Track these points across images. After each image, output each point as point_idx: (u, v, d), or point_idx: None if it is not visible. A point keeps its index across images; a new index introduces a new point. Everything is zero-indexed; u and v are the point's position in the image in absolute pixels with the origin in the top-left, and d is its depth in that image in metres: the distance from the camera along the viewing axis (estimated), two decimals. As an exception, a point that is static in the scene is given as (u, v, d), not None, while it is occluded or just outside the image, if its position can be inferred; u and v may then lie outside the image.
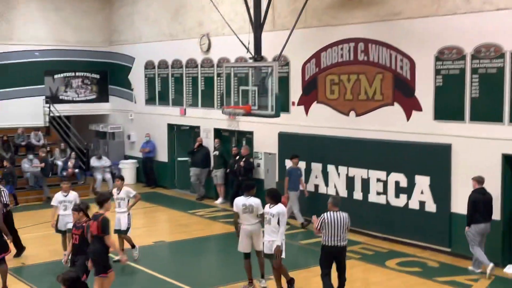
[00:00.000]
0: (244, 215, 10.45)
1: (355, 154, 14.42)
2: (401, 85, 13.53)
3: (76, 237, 9.52)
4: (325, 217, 9.79)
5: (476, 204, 11.34)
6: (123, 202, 12.39)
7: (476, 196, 11.41)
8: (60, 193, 12.50)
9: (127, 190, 12.48)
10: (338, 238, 9.71)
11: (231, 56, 17.72)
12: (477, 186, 11.49)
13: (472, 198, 11.40)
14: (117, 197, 12.39)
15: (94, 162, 20.34)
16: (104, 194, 9.90)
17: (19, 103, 21.35)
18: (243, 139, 17.95)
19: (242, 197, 10.63)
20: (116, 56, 22.85)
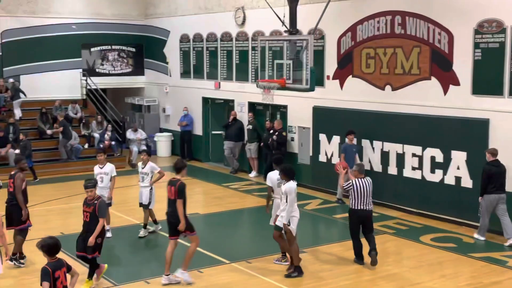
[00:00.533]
0: (278, 189, 10.51)
1: (390, 128, 14.30)
2: (439, 59, 13.31)
3: (87, 215, 9.41)
4: (354, 183, 10.43)
5: (491, 176, 11.64)
6: (147, 177, 12.38)
7: (490, 168, 11.70)
8: (96, 166, 12.51)
9: (151, 165, 12.43)
10: (365, 202, 10.43)
11: (266, 30, 17.63)
12: (492, 159, 11.74)
13: (486, 170, 11.71)
14: (142, 172, 12.42)
15: (130, 135, 20.59)
16: (182, 161, 10.16)
17: (56, 75, 21.69)
18: (277, 113, 17.93)
19: (275, 172, 10.67)
20: (151, 29, 22.95)
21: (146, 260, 11.14)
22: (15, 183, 10.55)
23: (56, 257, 6.72)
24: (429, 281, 9.97)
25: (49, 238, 6.73)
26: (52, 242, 6.68)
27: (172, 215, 9.75)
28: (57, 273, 6.62)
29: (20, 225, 10.60)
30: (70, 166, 19.19)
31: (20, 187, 10.54)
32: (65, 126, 19.62)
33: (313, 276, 10.17)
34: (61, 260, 6.78)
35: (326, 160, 15.89)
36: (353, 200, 10.41)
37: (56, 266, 6.65)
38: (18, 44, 21.05)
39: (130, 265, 10.89)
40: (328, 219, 13.90)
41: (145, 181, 12.39)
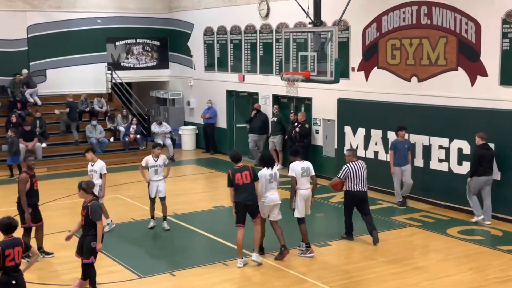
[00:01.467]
0: (302, 179, 10.57)
1: (416, 120, 14.14)
2: (466, 49, 13.12)
3: (83, 218, 9.09)
4: (349, 167, 11.22)
5: (481, 158, 12.20)
6: (161, 169, 12.28)
7: (481, 151, 12.26)
8: (150, 157, 12.40)
9: (164, 158, 12.39)
10: (361, 184, 11.32)
11: (290, 21, 17.55)
12: (481, 142, 12.28)
13: (477, 153, 12.29)
14: (156, 164, 12.23)
15: (155, 128, 20.68)
16: (238, 153, 10.59)
17: (82, 70, 21.87)
18: (302, 106, 17.86)
19: (297, 162, 10.70)
20: (175, 22, 22.99)
21: (171, 253, 11.19)
22: (18, 186, 10.47)
23: (12, 235, 7.25)
24: (456, 274, 9.86)
25: (5, 218, 7.30)
26: (6, 222, 7.24)
27: (249, 198, 10.04)
28: (8, 251, 7.09)
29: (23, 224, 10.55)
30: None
31: (24, 190, 10.43)
32: (71, 107, 19.91)
33: (339, 269, 10.12)
34: (17, 239, 7.30)
35: (351, 153, 15.77)
36: (350, 182, 11.25)
37: (8, 245, 7.14)
38: (44, 38, 21.25)
39: (155, 257, 10.95)
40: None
41: (159, 173, 12.26)
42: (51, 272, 10.15)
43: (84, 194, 9.09)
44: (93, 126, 19.99)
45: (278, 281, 9.66)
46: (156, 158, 12.29)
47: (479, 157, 12.21)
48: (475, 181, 12.32)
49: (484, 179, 12.27)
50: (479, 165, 12.20)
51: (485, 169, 12.22)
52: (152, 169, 12.25)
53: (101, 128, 20.18)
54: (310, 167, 10.77)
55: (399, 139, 13.78)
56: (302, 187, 10.58)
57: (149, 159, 12.35)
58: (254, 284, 9.61)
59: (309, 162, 10.96)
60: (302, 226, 10.69)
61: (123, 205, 14.45)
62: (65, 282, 9.73)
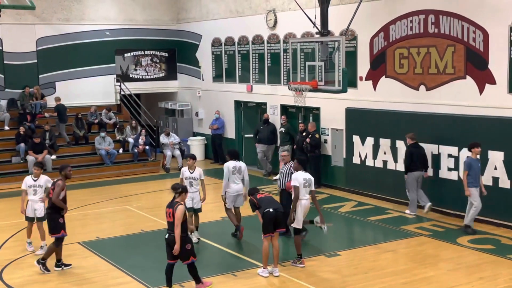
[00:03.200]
0: (303, 189, 10.59)
1: (425, 129, 14.11)
2: (474, 57, 13.09)
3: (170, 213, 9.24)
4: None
5: (413, 156, 13.67)
6: (196, 181, 12.04)
7: (412, 149, 13.75)
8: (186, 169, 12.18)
9: (200, 171, 12.14)
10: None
11: (298, 32, 17.59)
12: (411, 142, 13.80)
13: (409, 151, 13.76)
14: (190, 177, 12.01)
15: (164, 139, 20.74)
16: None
17: (91, 81, 22.00)
18: (310, 115, 17.86)
19: (301, 172, 10.76)
20: (183, 34, 23.10)
21: (179, 264, 11.15)
22: (54, 189, 10.57)
23: None
24: (467, 283, 9.79)
25: None
26: None
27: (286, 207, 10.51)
28: None
29: (53, 233, 10.62)
30: (105, 171, 19.43)
31: (58, 194, 10.55)
32: (59, 110, 20.14)
33: (349, 279, 10.08)
34: None
35: (360, 162, 15.76)
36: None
37: None
38: (53, 51, 21.39)
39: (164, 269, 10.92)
40: (363, 221, 13.77)
41: (194, 185, 12.00)
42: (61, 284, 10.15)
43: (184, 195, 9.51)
44: (102, 137, 20.07)
45: (288, 291, 9.63)
46: (192, 170, 12.05)
47: (411, 155, 13.69)
48: (410, 177, 13.70)
49: (417, 174, 13.69)
50: (411, 162, 13.65)
51: (417, 165, 13.66)
52: (187, 181, 11.97)
53: (110, 139, 20.26)
54: (312, 180, 10.78)
55: (473, 157, 12.37)
56: (302, 198, 10.60)
57: (185, 171, 12.14)
58: (263, 295, 9.59)
59: (310, 175, 10.91)
60: (297, 238, 10.72)
61: (132, 216, 14.48)
62: None
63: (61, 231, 10.63)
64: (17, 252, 11.82)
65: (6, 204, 16.15)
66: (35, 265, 10.68)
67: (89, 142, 20.40)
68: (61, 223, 10.64)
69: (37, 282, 10.18)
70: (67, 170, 10.87)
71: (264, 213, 10.20)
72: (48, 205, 10.78)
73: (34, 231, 11.77)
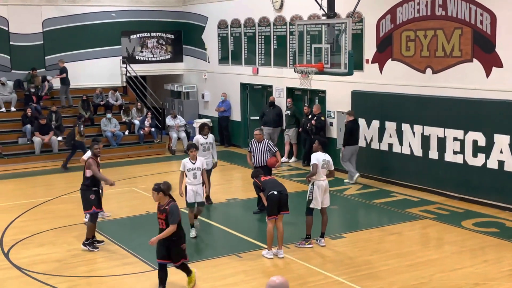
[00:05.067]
0: (322, 170, 10.64)
1: (431, 112, 14.08)
2: (481, 40, 13.02)
3: (162, 222, 8.63)
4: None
5: (351, 131, 15.03)
6: (199, 172, 11.22)
7: (351, 125, 15.06)
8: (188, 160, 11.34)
9: (202, 160, 11.39)
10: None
11: (304, 14, 17.51)
12: (350, 118, 15.13)
13: (349, 126, 15.08)
14: (193, 168, 11.16)
15: (169, 121, 20.77)
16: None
17: (97, 63, 22.00)
18: (316, 98, 17.83)
19: (320, 153, 10.80)
20: (189, 16, 23.02)
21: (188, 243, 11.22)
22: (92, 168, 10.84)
23: None
24: (471, 266, 9.83)
25: None
26: None
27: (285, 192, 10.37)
28: None
29: (86, 210, 10.88)
30: (111, 153, 19.47)
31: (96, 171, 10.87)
32: (66, 72, 20.28)
33: (353, 262, 10.12)
34: None
35: (365, 145, 15.75)
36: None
37: None
38: (59, 32, 21.39)
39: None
40: (368, 204, 13.80)
41: (198, 177, 11.16)
42: (67, 264, 10.25)
43: (162, 196, 8.56)
44: (108, 119, 20.12)
45: (292, 273, 9.68)
46: (194, 161, 11.30)
47: (350, 131, 15.02)
48: (348, 150, 15.13)
49: (354, 148, 15.11)
50: (350, 136, 15.01)
51: (355, 140, 15.08)
52: (191, 173, 11.19)
53: (116, 121, 20.31)
54: (331, 161, 10.89)
55: None
56: (320, 179, 10.66)
57: (186, 162, 11.30)
58: (267, 275, 9.63)
59: (329, 156, 11.01)
60: (309, 218, 10.76)
61: (138, 197, 14.55)
62: (81, 273, 9.82)
63: (92, 207, 10.80)
64: (24, 232, 11.92)
65: (13, 185, 16.25)
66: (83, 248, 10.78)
67: (95, 123, 20.45)
68: (92, 199, 10.83)
69: (44, 262, 10.27)
70: (94, 149, 11.17)
71: (268, 195, 10.24)
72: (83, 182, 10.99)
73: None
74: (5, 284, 9.42)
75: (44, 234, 11.81)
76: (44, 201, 14.27)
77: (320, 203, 10.71)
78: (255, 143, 12.81)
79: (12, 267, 10.10)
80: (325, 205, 10.83)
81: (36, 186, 16.19)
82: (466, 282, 9.15)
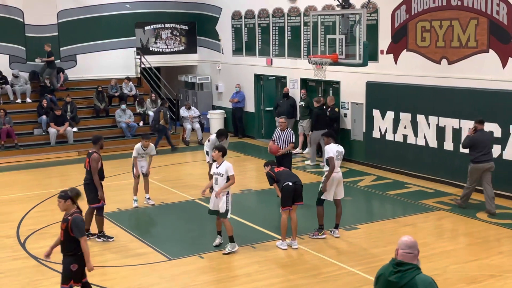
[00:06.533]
0: (336, 161, 10.60)
1: (446, 103, 13.99)
2: (497, 30, 12.89)
3: (61, 232, 7.48)
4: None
5: (318, 118, 16.20)
6: (221, 178, 9.99)
7: (317, 111, 16.37)
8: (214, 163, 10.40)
9: (227, 166, 9.99)
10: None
11: (318, 4, 17.43)
12: (317, 105, 16.39)
13: (315, 113, 16.42)
14: (216, 172, 10.07)
15: (183, 112, 20.80)
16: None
17: (111, 54, 22.07)
18: (330, 89, 17.77)
19: (333, 145, 10.78)
20: (203, 6, 23.00)
21: (199, 236, 11.29)
22: (91, 164, 10.62)
23: None
24: (486, 257, 9.78)
25: None
26: None
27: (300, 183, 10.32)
28: None
29: (94, 204, 10.74)
30: (126, 144, 19.53)
31: (96, 168, 10.62)
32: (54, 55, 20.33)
33: (367, 253, 10.12)
34: None
35: (379, 136, 15.70)
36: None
37: None
38: (73, 24, 21.47)
39: (184, 240, 11.06)
40: (382, 195, 13.77)
41: (219, 183, 10.01)
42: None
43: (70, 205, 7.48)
44: (122, 110, 20.18)
45: (306, 264, 9.70)
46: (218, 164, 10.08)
47: (317, 116, 16.19)
48: (315, 134, 16.10)
49: (319, 133, 15.31)
50: (317, 122, 16.16)
51: (321, 125, 15.84)
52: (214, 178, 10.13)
53: (130, 112, 20.37)
54: (343, 152, 10.88)
55: None
56: (335, 170, 10.60)
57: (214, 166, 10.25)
58: (281, 266, 9.67)
59: (342, 147, 11.01)
60: (320, 208, 10.75)
61: (152, 188, 14.59)
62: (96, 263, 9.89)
63: (100, 200, 10.75)
64: (40, 222, 12.03)
65: (28, 175, 16.39)
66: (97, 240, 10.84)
67: (110, 115, 20.54)
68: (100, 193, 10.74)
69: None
70: (102, 141, 10.95)
71: (283, 186, 10.24)
72: (86, 176, 10.81)
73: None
74: (22, 273, 9.52)
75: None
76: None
77: (332, 195, 10.68)
78: (278, 131, 12.91)
79: (29, 256, 10.21)
80: (339, 197, 10.81)
81: (52, 177, 16.33)
82: (481, 273, 9.12)
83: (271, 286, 8.90)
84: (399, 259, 4.76)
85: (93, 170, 10.61)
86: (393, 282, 4.71)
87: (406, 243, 4.80)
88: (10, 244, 10.81)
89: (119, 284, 9.08)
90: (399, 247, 4.79)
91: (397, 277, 4.70)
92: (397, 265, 4.75)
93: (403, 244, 4.80)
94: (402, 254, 4.76)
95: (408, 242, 4.80)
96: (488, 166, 11.91)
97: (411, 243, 4.80)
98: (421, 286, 4.63)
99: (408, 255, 4.76)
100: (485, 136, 12.10)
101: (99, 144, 10.89)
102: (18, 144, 18.41)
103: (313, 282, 8.97)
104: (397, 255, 4.79)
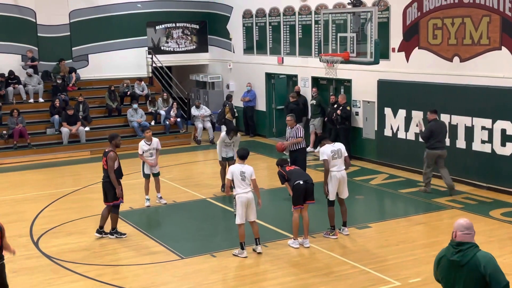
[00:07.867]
0: (333, 161, 10.55)
1: (458, 101, 13.92)
2: (510, 28, 12.80)
3: None
4: None
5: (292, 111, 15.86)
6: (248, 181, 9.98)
7: (291, 105, 17.39)
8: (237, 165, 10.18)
9: (251, 171, 10.00)
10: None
11: (329, 3, 17.40)
12: (293, 100, 17.66)
13: (290, 107, 17.37)
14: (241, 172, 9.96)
15: (195, 111, 20.84)
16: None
17: (123, 54, 22.16)
18: (341, 87, 17.74)
19: (327, 145, 10.74)
20: (214, 6, 23.02)
21: (211, 234, 11.32)
22: (108, 163, 10.70)
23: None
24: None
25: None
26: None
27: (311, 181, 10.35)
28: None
29: (113, 201, 10.82)
30: (138, 143, 19.51)
31: (113, 167, 10.70)
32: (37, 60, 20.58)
33: (379, 251, 10.09)
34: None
35: (391, 135, 15.65)
36: None
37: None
38: (85, 23, 21.57)
39: (196, 239, 11.09)
40: (394, 194, 13.73)
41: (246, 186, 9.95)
42: (95, 253, 10.38)
43: None
44: (134, 110, 20.25)
45: (318, 262, 9.69)
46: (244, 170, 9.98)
47: (291, 111, 16.26)
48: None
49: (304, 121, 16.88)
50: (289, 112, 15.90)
51: (299, 117, 16.78)
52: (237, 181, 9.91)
53: (142, 111, 20.44)
54: (341, 149, 10.74)
55: None
56: (333, 169, 10.58)
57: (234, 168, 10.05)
58: (293, 265, 9.67)
59: (340, 144, 10.96)
60: (330, 209, 10.72)
61: (164, 187, 14.62)
62: (109, 262, 9.95)
63: (119, 198, 10.82)
64: (53, 221, 12.10)
65: (41, 175, 16.49)
66: (110, 237, 10.93)
67: (122, 114, 20.61)
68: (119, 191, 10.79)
69: (72, 250, 10.42)
70: (118, 140, 11.02)
71: (294, 185, 10.23)
72: (104, 174, 10.88)
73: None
74: (35, 272, 9.58)
75: (72, 224, 11.98)
76: (72, 191, 14.46)
77: (334, 194, 10.65)
78: (288, 130, 13.14)
79: (42, 255, 10.27)
80: (343, 196, 10.77)
81: (64, 176, 16.42)
82: (494, 272, 9.05)
83: (283, 285, 8.90)
84: (457, 240, 5.19)
85: (109, 169, 10.70)
86: (456, 261, 5.17)
87: (463, 224, 5.23)
88: (23, 243, 10.88)
89: (132, 283, 9.11)
90: (457, 229, 5.21)
91: (459, 256, 5.16)
92: (457, 245, 5.19)
93: (461, 226, 5.23)
94: (460, 236, 5.20)
95: (465, 224, 5.23)
96: (441, 153, 13.04)
97: (467, 225, 5.23)
98: (483, 262, 5.15)
99: (467, 235, 5.21)
100: (439, 125, 13.18)
101: (114, 142, 10.97)
102: (30, 144, 18.53)
103: (325, 281, 8.96)
104: (455, 237, 5.22)
